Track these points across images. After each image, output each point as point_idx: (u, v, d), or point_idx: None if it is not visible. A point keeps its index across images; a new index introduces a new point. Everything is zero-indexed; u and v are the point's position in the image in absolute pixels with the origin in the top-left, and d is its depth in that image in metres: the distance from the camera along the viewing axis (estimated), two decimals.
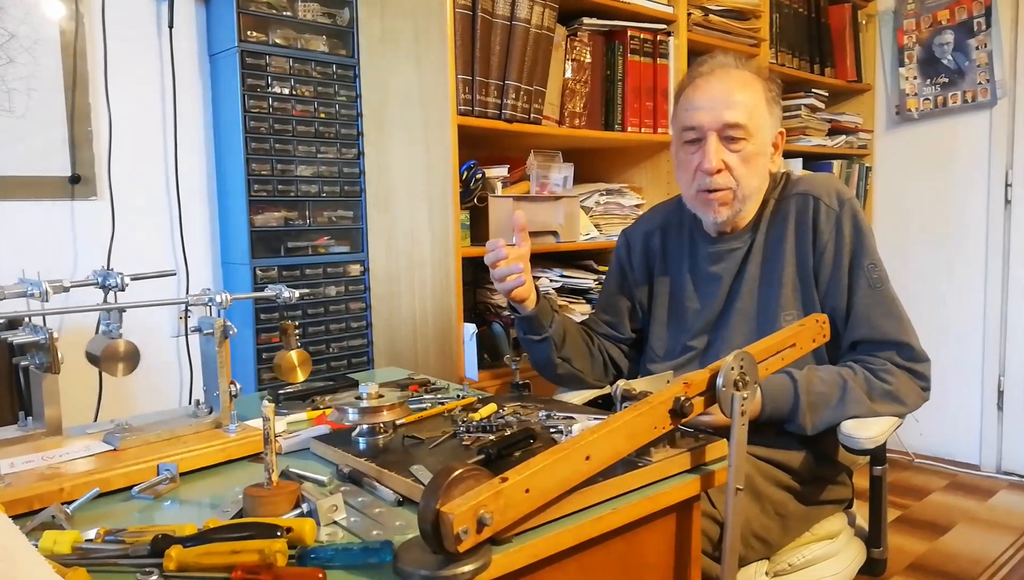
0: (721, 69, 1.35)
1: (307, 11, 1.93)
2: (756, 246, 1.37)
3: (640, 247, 1.53)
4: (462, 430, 1.02)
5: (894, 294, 1.30)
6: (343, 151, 2.00)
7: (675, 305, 1.46)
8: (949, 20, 3.00)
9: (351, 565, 0.68)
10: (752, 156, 1.32)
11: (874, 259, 1.30)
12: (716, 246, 1.41)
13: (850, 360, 1.29)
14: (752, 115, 1.31)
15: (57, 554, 0.70)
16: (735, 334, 1.35)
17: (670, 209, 1.54)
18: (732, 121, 1.30)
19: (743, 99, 1.31)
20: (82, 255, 1.78)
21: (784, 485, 1.25)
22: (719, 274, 1.39)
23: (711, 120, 1.31)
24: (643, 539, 0.88)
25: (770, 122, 1.35)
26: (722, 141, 1.31)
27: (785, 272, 1.33)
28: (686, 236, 1.48)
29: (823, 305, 1.31)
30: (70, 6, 1.73)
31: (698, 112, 1.32)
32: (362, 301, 2.06)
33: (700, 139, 1.33)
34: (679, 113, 1.37)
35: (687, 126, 1.34)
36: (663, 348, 1.46)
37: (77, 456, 0.94)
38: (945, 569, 2.24)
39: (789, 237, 1.34)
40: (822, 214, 1.32)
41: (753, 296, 1.35)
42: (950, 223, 3.08)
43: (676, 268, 1.47)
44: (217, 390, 1.03)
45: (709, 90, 1.33)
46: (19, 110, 1.68)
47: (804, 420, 1.22)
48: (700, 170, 1.33)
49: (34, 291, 0.92)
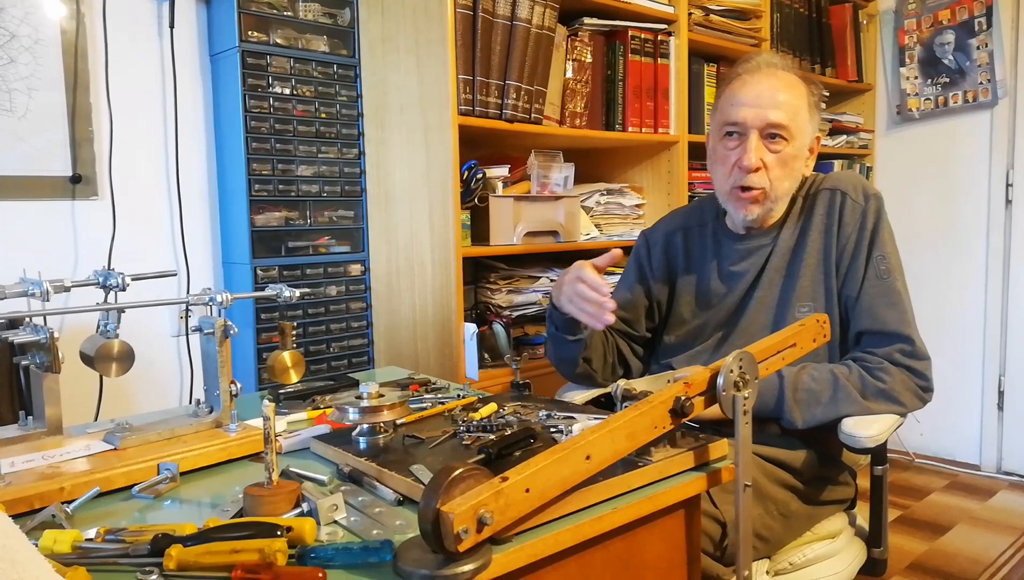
0: (768, 68, 1.36)
1: (308, 11, 1.93)
2: (782, 241, 1.38)
3: (661, 247, 1.54)
4: (462, 430, 1.02)
5: (900, 288, 1.30)
6: (344, 151, 2.00)
7: (700, 302, 1.46)
8: (950, 20, 3.00)
9: (351, 564, 0.68)
10: (789, 158, 1.33)
11: (885, 252, 1.31)
12: (743, 244, 1.42)
13: (850, 357, 1.30)
14: (795, 117, 1.32)
15: (57, 553, 0.70)
16: (752, 323, 1.36)
17: (691, 211, 1.56)
18: (775, 121, 1.31)
19: (787, 100, 1.32)
20: (83, 255, 1.78)
21: (787, 484, 1.26)
22: (744, 270, 1.40)
23: (755, 117, 1.31)
24: (643, 539, 0.87)
25: (810, 126, 1.36)
26: (763, 140, 1.32)
27: (806, 263, 1.34)
28: (709, 235, 1.48)
29: (840, 295, 1.32)
30: (71, 6, 1.73)
31: (742, 108, 1.33)
32: (363, 301, 2.06)
33: (741, 135, 1.34)
34: (723, 107, 1.37)
35: (730, 121, 1.34)
36: (683, 340, 1.46)
37: (77, 455, 0.94)
38: (945, 569, 2.24)
39: (815, 230, 1.36)
40: (848, 208, 1.34)
41: (774, 287, 1.37)
42: (951, 223, 3.08)
43: (700, 266, 1.48)
44: (218, 389, 1.03)
45: (756, 87, 1.33)
46: (20, 110, 1.68)
47: (793, 415, 1.23)
48: (738, 166, 1.34)
49: (35, 291, 0.92)
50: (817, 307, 1.32)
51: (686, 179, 2.36)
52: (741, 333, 1.37)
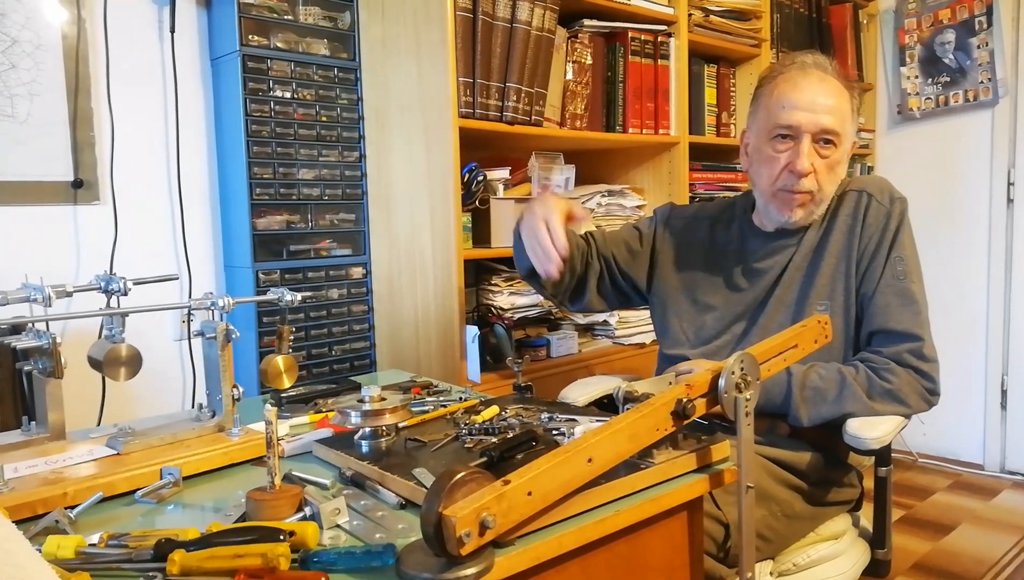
0: (818, 70, 1.34)
1: (308, 15, 1.93)
2: (806, 240, 1.39)
3: (681, 225, 1.54)
4: (464, 433, 1.02)
5: (916, 290, 1.30)
6: (345, 154, 2.00)
7: (721, 294, 1.45)
8: (950, 19, 3.00)
9: (354, 568, 0.68)
10: (837, 163, 1.34)
11: (904, 254, 1.32)
12: (770, 242, 1.42)
13: (858, 357, 1.30)
14: (843, 123, 1.33)
15: (61, 559, 0.70)
16: (771, 321, 1.37)
17: (718, 208, 1.55)
18: (829, 127, 1.31)
19: (837, 105, 1.32)
20: (85, 260, 1.78)
21: (792, 485, 1.26)
22: (768, 268, 1.40)
23: (809, 122, 1.30)
24: (646, 541, 0.87)
25: (852, 131, 1.37)
26: (814, 144, 1.32)
27: (826, 262, 1.35)
28: (735, 231, 1.48)
29: (857, 294, 1.33)
30: (72, 11, 1.74)
31: (796, 112, 1.31)
32: (364, 304, 2.06)
33: (794, 138, 1.32)
34: (771, 107, 1.34)
35: (782, 124, 1.32)
36: (701, 332, 1.45)
37: (80, 460, 0.94)
38: (949, 569, 2.23)
39: (838, 230, 1.36)
40: (872, 209, 1.34)
41: (795, 285, 1.37)
42: (952, 222, 3.08)
43: (722, 257, 1.47)
44: (220, 394, 1.03)
45: (808, 91, 1.32)
46: (21, 115, 1.68)
47: (799, 412, 1.24)
48: (789, 170, 1.32)
49: (37, 296, 0.92)
50: (834, 306, 1.32)
51: (687, 180, 2.36)
52: (760, 330, 1.37)
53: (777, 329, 1.32)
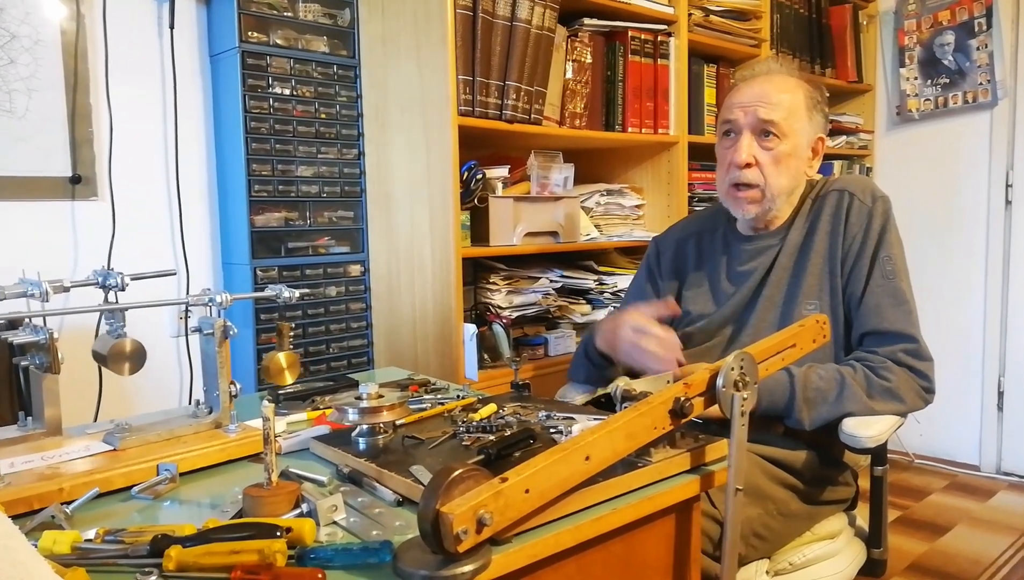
0: (765, 74, 1.41)
1: (308, 12, 1.93)
2: (790, 241, 1.40)
3: (671, 253, 1.57)
4: (462, 430, 1.02)
5: (905, 288, 1.31)
6: (344, 151, 2.00)
7: (709, 301, 1.47)
8: (950, 20, 3.00)
9: (351, 565, 0.68)
10: (784, 156, 1.36)
11: (891, 253, 1.33)
12: (751, 245, 1.44)
13: (853, 357, 1.30)
14: (788, 116, 1.36)
15: (57, 554, 0.70)
16: (761, 321, 1.38)
17: (704, 218, 1.59)
18: (766, 118, 1.35)
19: (781, 100, 1.36)
20: (82, 255, 1.78)
21: (788, 484, 1.26)
22: (752, 269, 1.42)
23: (746, 115, 1.37)
24: (643, 539, 0.88)
25: (808, 127, 1.39)
26: (756, 138, 1.36)
27: (812, 262, 1.36)
28: (720, 239, 1.51)
29: (844, 295, 1.34)
30: (71, 7, 1.73)
31: (735, 108, 1.38)
32: (362, 301, 2.06)
33: (736, 134, 1.38)
34: (721, 111, 1.44)
35: (724, 120, 1.40)
36: (693, 337, 1.47)
37: (77, 456, 0.94)
38: (945, 570, 2.24)
39: (822, 230, 1.38)
40: (855, 209, 1.36)
41: (782, 285, 1.38)
42: (950, 224, 3.08)
43: (710, 267, 1.50)
44: (217, 390, 1.03)
45: (749, 91, 1.39)
46: (20, 111, 1.68)
47: (801, 415, 1.24)
48: (731, 163, 1.38)
49: (34, 291, 0.92)
50: (822, 305, 1.33)
51: (686, 180, 2.36)
52: (750, 330, 1.38)
53: (767, 329, 1.32)
